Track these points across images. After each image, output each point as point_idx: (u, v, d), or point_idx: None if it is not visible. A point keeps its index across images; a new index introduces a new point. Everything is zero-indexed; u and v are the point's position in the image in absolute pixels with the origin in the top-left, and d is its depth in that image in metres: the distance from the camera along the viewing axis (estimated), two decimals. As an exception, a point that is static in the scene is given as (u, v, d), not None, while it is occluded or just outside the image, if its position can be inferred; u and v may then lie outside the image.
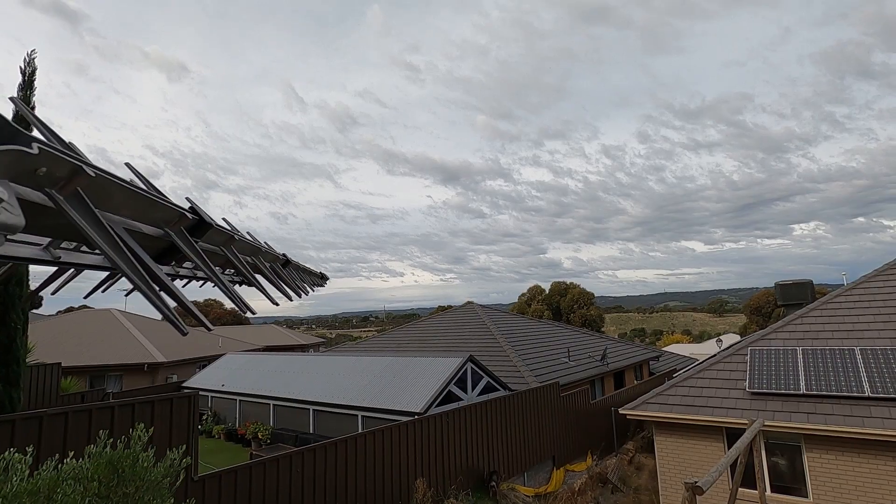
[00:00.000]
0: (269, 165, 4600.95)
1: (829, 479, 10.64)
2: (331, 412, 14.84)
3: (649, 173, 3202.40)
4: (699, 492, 4.15)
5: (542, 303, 51.04)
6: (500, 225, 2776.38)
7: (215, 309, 59.97)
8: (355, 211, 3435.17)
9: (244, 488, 6.89)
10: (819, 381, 11.34)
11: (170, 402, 6.27)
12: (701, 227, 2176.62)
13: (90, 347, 24.29)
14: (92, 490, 3.03)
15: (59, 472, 3.04)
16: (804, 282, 18.34)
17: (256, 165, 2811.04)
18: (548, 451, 14.06)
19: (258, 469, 7.14)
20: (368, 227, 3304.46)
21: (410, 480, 9.32)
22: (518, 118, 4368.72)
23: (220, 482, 6.64)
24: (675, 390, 13.23)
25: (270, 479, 7.24)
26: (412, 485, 9.26)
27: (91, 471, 3.12)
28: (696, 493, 4.17)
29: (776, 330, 13.80)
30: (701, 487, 4.17)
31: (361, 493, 8.43)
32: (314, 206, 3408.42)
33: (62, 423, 5.19)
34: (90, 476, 3.09)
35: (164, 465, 3.42)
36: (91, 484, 3.05)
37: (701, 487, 4.17)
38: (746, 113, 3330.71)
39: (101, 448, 3.20)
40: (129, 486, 3.13)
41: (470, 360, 14.38)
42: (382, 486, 8.83)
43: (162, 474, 3.37)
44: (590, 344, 23.44)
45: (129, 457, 3.21)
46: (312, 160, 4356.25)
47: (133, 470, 3.17)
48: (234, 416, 18.12)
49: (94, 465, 3.14)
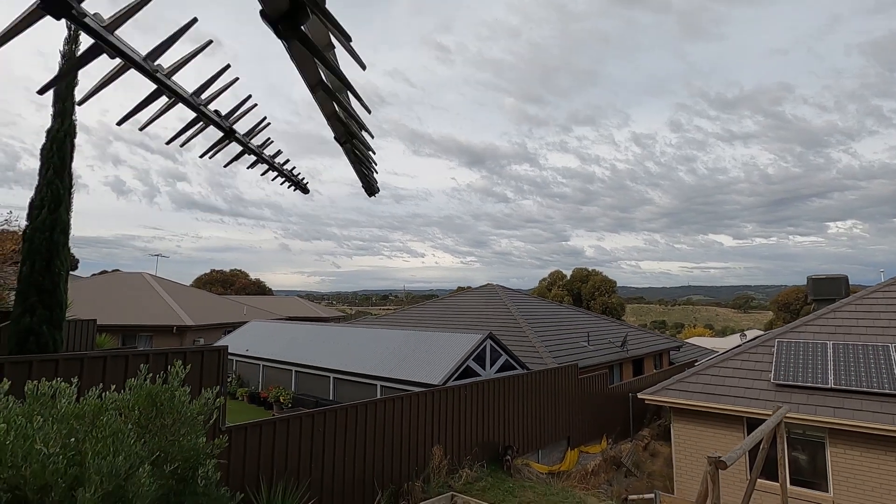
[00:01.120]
0: (297, 142, 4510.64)
1: (852, 475, 10.44)
2: (350, 381, 15.15)
3: (680, 163, 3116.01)
4: (722, 466, 4.12)
5: (563, 288, 50.65)
6: (524, 210, 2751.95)
7: (241, 279, 61.47)
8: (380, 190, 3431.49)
9: (268, 441, 7.12)
10: (849, 376, 11.05)
11: (201, 353, 6.49)
12: (731, 221, 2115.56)
13: (122, 308, 25.23)
14: (132, 419, 3.17)
15: (103, 399, 3.19)
16: (838, 277, 17.70)
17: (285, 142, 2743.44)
18: (563, 432, 14.11)
19: (282, 425, 7.36)
20: (392, 206, 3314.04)
21: (427, 448, 9.49)
22: (547, 102, 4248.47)
23: (245, 434, 6.89)
24: (697, 378, 13.07)
25: (293, 435, 7.46)
26: (428, 452, 9.43)
27: (132, 401, 3.26)
28: (719, 468, 4.14)
29: (806, 323, 13.44)
30: (725, 462, 4.13)
31: (379, 455, 8.63)
32: (339, 183, 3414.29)
33: (101, 365, 5.44)
34: (131, 406, 3.23)
35: (198, 403, 3.55)
36: (132, 413, 3.19)
37: (725, 462, 4.13)
38: (786, 104, 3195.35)
39: (141, 381, 3.34)
40: (166, 418, 3.26)
41: (490, 338, 14.44)
42: (400, 451, 9.02)
43: (197, 411, 3.51)
44: (610, 330, 23.25)
45: (166, 391, 3.35)
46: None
47: (171, 403, 3.31)
48: (257, 380, 18.67)
49: (135, 396, 3.29)
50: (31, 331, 5.76)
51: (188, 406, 3.44)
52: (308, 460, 7.59)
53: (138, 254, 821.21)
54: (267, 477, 7.00)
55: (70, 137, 6.31)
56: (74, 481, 2.62)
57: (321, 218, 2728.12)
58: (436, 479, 9.22)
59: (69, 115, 6.38)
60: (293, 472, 7.32)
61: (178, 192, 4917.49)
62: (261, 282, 63.66)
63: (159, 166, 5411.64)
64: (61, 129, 6.32)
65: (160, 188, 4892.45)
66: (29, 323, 5.78)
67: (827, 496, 10.67)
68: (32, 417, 2.88)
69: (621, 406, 17.46)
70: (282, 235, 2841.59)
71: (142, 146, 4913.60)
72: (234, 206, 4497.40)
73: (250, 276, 63.91)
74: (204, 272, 63.64)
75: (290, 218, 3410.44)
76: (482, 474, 10.35)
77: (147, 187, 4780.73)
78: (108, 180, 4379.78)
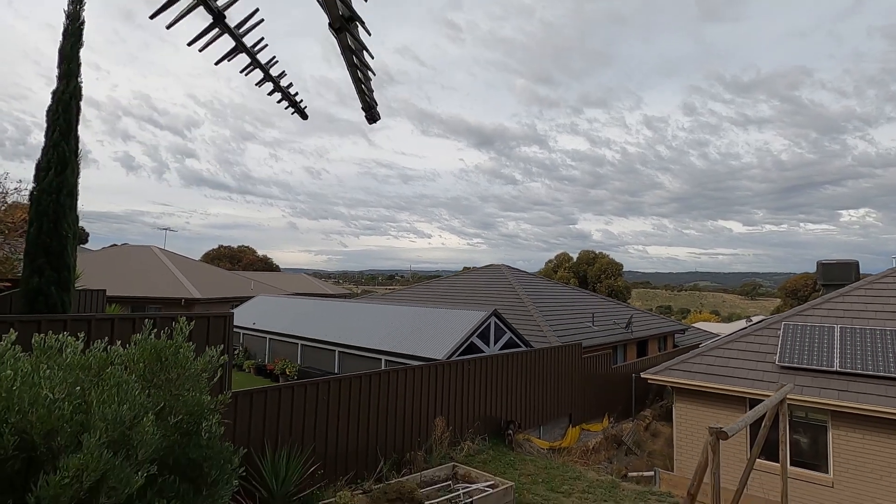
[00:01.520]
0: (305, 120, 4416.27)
1: (853, 457, 10.46)
2: (355, 355, 15.31)
3: (692, 148, 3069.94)
4: (723, 436, 4.12)
5: (569, 270, 50.55)
6: (532, 192, 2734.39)
7: (248, 255, 61.86)
8: (387, 170, 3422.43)
9: (273, 408, 7.23)
10: (855, 360, 10.99)
11: (207, 319, 6.55)
12: (741, 207, 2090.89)
13: (131, 280, 25.52)
14: (137, 372, 3.21)
15: (109, 353, 3.22)
16: (849, 262, 17.46)
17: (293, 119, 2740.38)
18: (565, 409, 14.22)
19: (287, 392, 7.46)
20: (399, 186, 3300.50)
21: (430, 420, 9.60)
22: (558, 83, 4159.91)
23: (251, 399, 6.99)
24: (701, 359, 13.07)
25: (298, 403, 7.56)
26: (431, 424, 9.54)
27: (136, 355, 3.29)
28: (720, 438, 4.14)
29: (814, 307, 13.33)
30: (726, 433, 4.13)
31: (382, 425, 8.74)
32: (347, 162, 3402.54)
33: (108, 327, 5.50)
34: (135, 360, 3.26)
35: (202, 360, 3.58)
36: (136, 366, 3.22)
37: (726, 433, 4.13)
38: (803, 89, 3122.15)
39: (146, 335, 3.36)
40: (171, 373, 3.29)
41: (494, 315, 14.48)
42: (403, 422, 9.13)
43: (201, 367, 3.54)
44: (615, 311, 23.24)
45: (171, 346, 3.37)
46: (348, 117, 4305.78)
47: (175, 359, 3.33)
48: (263, 352, 18.92)
49: (140, 350, 3.32)
50: (39, 292, 5.83)
51: (192, 362, 3.47)
52: (312, 428, 7.71)
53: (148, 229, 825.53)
54: (272, 442, 7.12)
55: (75, 99, 6.28)
56: (80, 428, 2.66)
57: (329, 197, 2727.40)
58: (438, 450, 9.34)
59: (74, 76, 6.32)
60: (297, 438, 7.43)
61: (186, 168, 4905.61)
62: (268, 258, 64.07)
63: (168, 142, 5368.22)
64: (66, 91, 6.28)
65: (169, 164, 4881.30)
66: (37, 284, 5.84)
67: (827, 477, 10.72)
68: (39, 366, 2.92)
69: (624, 386, 17.54)
70: (289, 214, 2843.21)
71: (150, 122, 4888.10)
72: (242, 183, 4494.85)
73: (258, 253, 64.31)
74: (212, 248, 64.08)
75: (297, 196, 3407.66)
76: (484, 447, 10.48)
77: (156, 163, 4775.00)
78: (118, 156, 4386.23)
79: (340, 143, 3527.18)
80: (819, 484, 10.76)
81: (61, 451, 2.56)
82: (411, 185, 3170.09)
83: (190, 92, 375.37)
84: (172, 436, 3.23)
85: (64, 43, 6.42)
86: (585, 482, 9.21)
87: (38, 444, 2.62)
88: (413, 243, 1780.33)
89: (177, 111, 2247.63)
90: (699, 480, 4.45)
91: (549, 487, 8.81)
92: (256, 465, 6.78)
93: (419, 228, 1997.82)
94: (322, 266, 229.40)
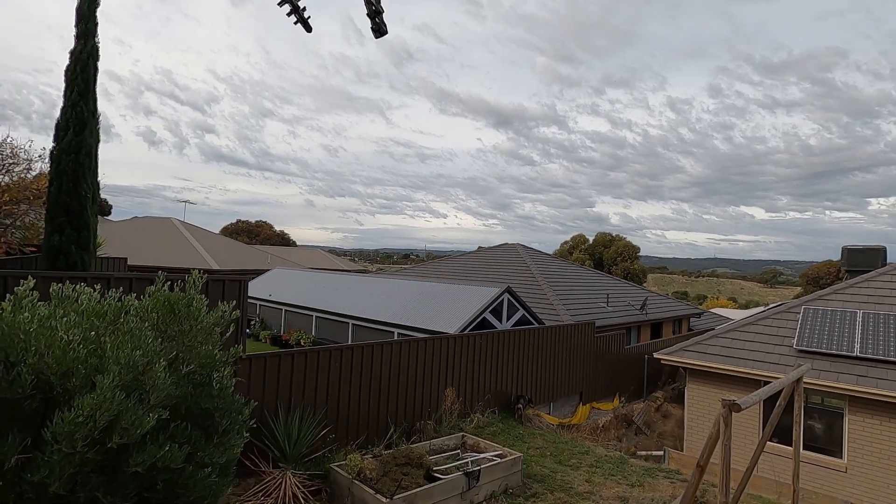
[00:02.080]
0: (323, 97, 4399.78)
1: (868, 443, 10.30)
2: (369, 327, 15.47)
3: (716, 131, 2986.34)
4: (736, 409, 4.06)
5: (585, 252, 50.09)
6: (549, 174, 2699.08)
7: (265, 230, 62.57)
8: (404, 149, 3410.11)
9: (286, 373, 7.35)
10: (877, 346, 10.73)
11: (222, 283, 6.65)
12: (765, 193, 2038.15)
13: (151, 250, 26.04)
14: (151, 321, 3.25)
15: (123, 303, 3.27)
16: (876, 248, 16.95)
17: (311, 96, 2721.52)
18: (576, 387, 14.24)
19: (300, 357, 7.57)
20: (416, 166, 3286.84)
21: (440, 391, 9.69)
22: (580, 62, 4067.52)
23: (265, 363, 7.11)
24: (716, 340, 12.91)
25: (311, 368, 7.68)
26: (442, 395, 9.64)
27: (150, 306, 3.34)
28: (732, 410, 4.08)
29: (836, 291, 13.01)
30: (739, 405, 4.07)
31: (394, 394, 8.85)
32: (364, 140, 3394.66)
33: (127, 285, 5.60)
34: (149, 310, 3.31)
35: (215, 314, 3.61)
36: (150, 316, 3.27)
37: (739, 405, 4.07)
38: (837, 71, 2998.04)
39: (160, 286, 3.40)
40: (183, 324, 3.34)
41: (507, 292, 14.45)
42: (414, 392, 9.23)
43: (213, 322, 3.57)
44: (630, 293, 23.03)
45: (184, 299, 3.41)
46: (366, 94, 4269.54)
47: (188, 311, 3.37)
48: (279, 323, 19.25)
49: (153, 301, 3.36)
50: (60, 250, 5.94)
51: (205, 316, 3.50)
52: (325, 394, 7.83)
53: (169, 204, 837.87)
54: (284, 406, 7.25)
55: (93, 59, 6.29)
56: (94, 370, 2.71)
57: (346, 175, 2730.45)
58: (448, 420, 9.45)
59: (91, 36, 6.32)
60: (310, 403, 7.56)
61: (206, 143, 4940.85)
62: (285, 234, 64.76)
63: (188, 118, 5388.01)
64: (84, 51, 6.29)
65: (189, 139, 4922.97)
66: (58, 242, 5.96)
67: (840, 462, 10.60)
68: (55, 312, 2.97)
69: (636, 367, 17.47)
70: (307, 191, 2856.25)
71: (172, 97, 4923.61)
72: (260, 160, 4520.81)
73: (275, 228, 65.01)
74: (230, 222, 64.97)
75: (315, 174, 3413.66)
76: (493, 420, 10.57)
77: (177, 138, 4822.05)
78: (140, 130, 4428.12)
79: (358, 120, 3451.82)
80: (832, 469, 10.65)
81: (76, 391, 2.62)
82: (428, 164, 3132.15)
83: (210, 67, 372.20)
84: (185, 386, 3.28)
85: (81, 2, 6.41)
86: (594, 457, 9.24)
87: (55, 385, 2.68)
88: (428, 223, 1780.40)
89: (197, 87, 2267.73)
90: (709, 452, 4.41)
91: (557, 461, 8.87)
92: (270, 427, 6.93)
93: (435, 208, 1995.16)
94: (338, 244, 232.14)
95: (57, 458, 2.44)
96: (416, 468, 6.82)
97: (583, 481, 8.01)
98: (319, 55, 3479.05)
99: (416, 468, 6.82)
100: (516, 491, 7.35)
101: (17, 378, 2.65)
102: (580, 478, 8.14)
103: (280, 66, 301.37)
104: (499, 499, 7.05)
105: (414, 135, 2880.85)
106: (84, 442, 2.49)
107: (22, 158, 13.72)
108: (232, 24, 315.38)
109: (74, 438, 2.46)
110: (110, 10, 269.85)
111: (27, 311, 2.90)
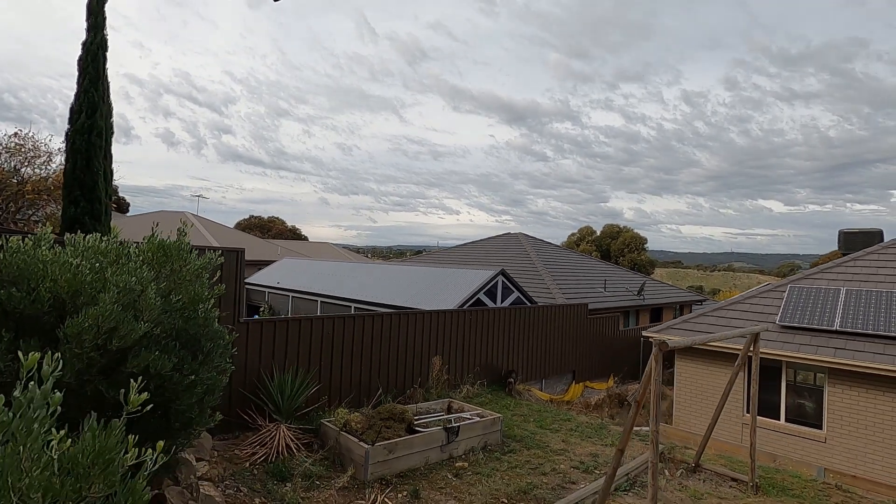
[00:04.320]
0: (337, 96, 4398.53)
1: (846, 413, 10.64)
2: (370, 309, 16.10)
3: (732, 124, 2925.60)
4: (664, 347, 4.55)
5: (592, 244, 50.29)
6: (563, 170, 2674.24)
7: (277, 225, 63.78)
8: (418, 146, 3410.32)
9: (282, 338, 7.98)
10: (856, 320, 11.05)
11: (220, 253, 7.27)
12: (783, 186, 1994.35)
13: (167, 242, 27.00)
14: (146, 259, 3.87)
15: (123, 246, 3.89)
16: (873, 230, 17.08)
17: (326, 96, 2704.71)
18: (568, 366, 14.71)
19: (294, 324, 8.20)
20: (429, 163, 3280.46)
21: (430, 362, 10.27)
22: (594, 58, 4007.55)
23: (261, 328, 7.75)
24: (703, 319, 13.29)
25: (304, 335, 8.30)
26: (431, 364, 10.22)
27: (145, 248, 3.96)
28: (661, 349, 4.57)
29: (823, 270, 13.28)
30: (667, 343, 4.56)
31: (385, 363, 9.46)
32: (378, 139, 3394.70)
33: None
34: (145, 251, 3.93)
35: (203, 260, 4.22)
36: (147, 255, 3.89)
37: (667, 343, 4.56)
38: (857, 61, 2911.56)
39: (153, 234, 4.02)
40: (175, 264, 3.95)
41: (501, 274, 14.97)
42: (405, 362, 9.83)
43: (201, 266, 4.18)
44: (630, 280, 23.35)
45: (175, 243, 4.02)
46: (380, 93, 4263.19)
47: (178, 253, 3.98)
48: (286, 309, 20.02)
49: (148, 244, 3.98)
50: (75, 220, 6.65)
51: (194, 259, 4.12)
52: (318, 358, 8.45)
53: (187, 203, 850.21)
54: (279, 366, 7.90)
55: (102, 50, 6.97)
56: (98, 291, 3.33)
57: (359, 173, 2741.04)
58: (436, 388, 10.03)
59: (101, 28, 7.01)
60: (303, 365, 8.19)
61: (223, 144, 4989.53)
62: (296, 228, 65.93)
63: (206, 119, 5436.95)
64: (94, 42, 6.98)
65: (207, 140, 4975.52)
66: (74, 213, 6.67)
67: (820, 433, 10.94)
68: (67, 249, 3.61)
69: (633, 349, 17.86)
70: (321, 189, 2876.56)
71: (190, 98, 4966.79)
72: (276, 159, 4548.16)
73: (287, 224, 66.20)
74: (243, 218, 66.32)
75: (329, 172, 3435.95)
76: (483, 392, 11.12)
77: (195, 139, 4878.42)
78: (159, 132, 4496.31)
79: (372, 118, 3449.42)
80: (812, 439, 11.01)
81: (84, 305, 3.23)
82: (441, 161, 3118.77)
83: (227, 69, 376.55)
84: (176, 319, 3.89)
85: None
86: (575, 423, 9.74)
87: (67, 302, 3.31)
88: (441, 219, 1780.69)
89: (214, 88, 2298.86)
90: (644, 389, 4.91)
91: (538, 425, 9.39)
92: (266, 386, 7.58)
93: (448, 205, 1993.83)
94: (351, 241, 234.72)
95: (69, 355, 3.05)
96: (399, 422, 7.40)
97: (559, 441, 8.53)
98: (334, 54, 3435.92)
99: (399, 422, 7.40)
100: (494, 448, 7.89)
101: (38, 298, 3.28)
102: (557, 439, 8.66)
103: (295, 66, 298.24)
104: (477, 453, 7.60)
105: (427, 132, 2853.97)
106: (90, 343, 3.11)
107: (42, 151, 14.60)
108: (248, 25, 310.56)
109: (82, 339, 3.07)
110: (129, 14, 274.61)
111: (45, 248, 3.54)
